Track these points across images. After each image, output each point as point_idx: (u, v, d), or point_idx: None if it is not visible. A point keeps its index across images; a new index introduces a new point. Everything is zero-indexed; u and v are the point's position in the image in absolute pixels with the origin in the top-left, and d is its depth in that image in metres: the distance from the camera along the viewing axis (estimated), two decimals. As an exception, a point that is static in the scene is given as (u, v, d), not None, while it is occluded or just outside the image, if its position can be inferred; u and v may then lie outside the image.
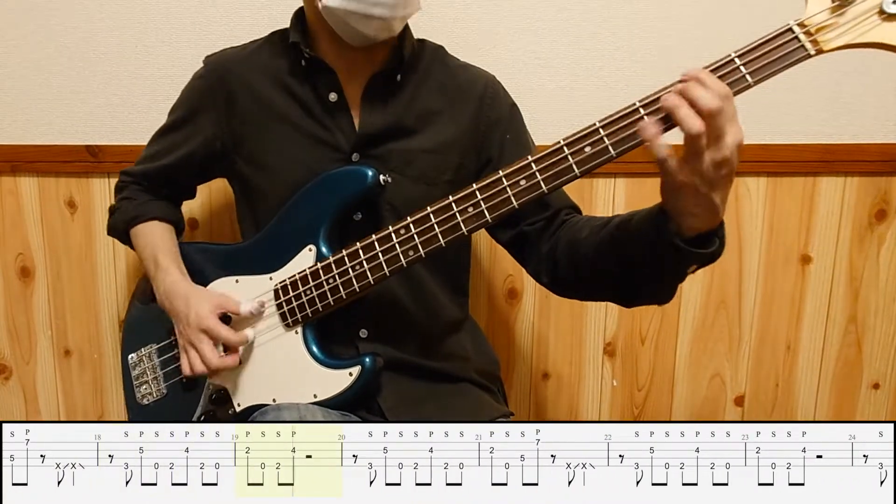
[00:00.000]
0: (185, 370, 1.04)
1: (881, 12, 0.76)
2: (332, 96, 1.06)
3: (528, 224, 1.06)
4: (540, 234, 1.05)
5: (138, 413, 1.16)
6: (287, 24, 1.09)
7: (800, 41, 0.78)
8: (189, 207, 1.32)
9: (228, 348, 1.04)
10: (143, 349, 1.16)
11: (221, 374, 1.06)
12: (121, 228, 1.18)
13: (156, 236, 1.14)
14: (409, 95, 1.09)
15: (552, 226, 1.04)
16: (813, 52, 0.78)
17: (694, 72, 0.76)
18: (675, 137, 0.78)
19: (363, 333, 1.07)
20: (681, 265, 0.84)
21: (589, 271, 0.97)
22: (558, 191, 0.89)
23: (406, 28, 1.09)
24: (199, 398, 1.09)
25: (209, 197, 1.44)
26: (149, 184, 1.19)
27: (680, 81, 0.77)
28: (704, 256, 0.82)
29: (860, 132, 1.41)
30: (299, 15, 1.09)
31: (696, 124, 0.73)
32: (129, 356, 1.17)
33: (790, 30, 0.78)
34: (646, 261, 0.87)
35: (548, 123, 1.40)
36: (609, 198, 1.43)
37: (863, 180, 1.43)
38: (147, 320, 1.16)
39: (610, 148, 0.83)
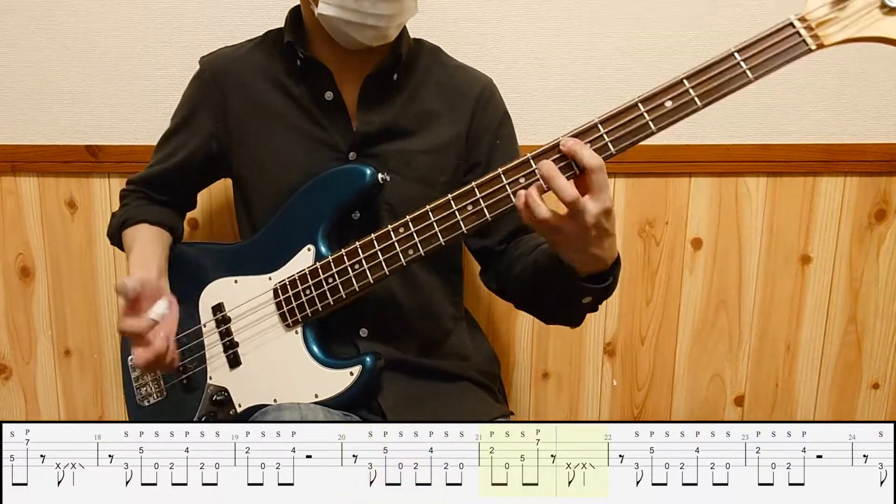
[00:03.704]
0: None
1: (883, 6, 0.76)
2: (328, 95, 1.06)
3: (499, 245, 1.12)
4: (501, 254, 1.11)
5: (139, 415, 1.16)
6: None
7: (801, 36, 0.78)
8: (189, 207, 1.32)
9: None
10: (143, 350, 1.15)
11: (221, 374, 1.07)
12: (115, 233, 1.17)
13: (136, 239, 1.12)
14: (407, 96, 1.08)
15: (510, 245, 1.11)
16: (814, 47, 0.78)
17: (567, 145, 0.83)
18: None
19: (363, 333, 1.07)
20: (574, 296, 0.93)
21: (516, 288, 1.07)
22: None
23: (402, 28, 1.09)
24: (199, 399, 1.09)
25: (209, 197, 1.44)
26: (150, 190, 1.18)
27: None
28: (596, 291, 0.91)
29: (860, 132, 1.41)
30: (295, 14, 1.09)
31: (542, 212, 0.83)
32: (130, 358, 1.17)
33: (791, 24, 0.78)
34: (550, 287, 0.96)
35: (547, 124, 1.40)
36: (609, 198, 1.43)
37: (862, 180, 1.43)
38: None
39: (610, 145, 0.83)
